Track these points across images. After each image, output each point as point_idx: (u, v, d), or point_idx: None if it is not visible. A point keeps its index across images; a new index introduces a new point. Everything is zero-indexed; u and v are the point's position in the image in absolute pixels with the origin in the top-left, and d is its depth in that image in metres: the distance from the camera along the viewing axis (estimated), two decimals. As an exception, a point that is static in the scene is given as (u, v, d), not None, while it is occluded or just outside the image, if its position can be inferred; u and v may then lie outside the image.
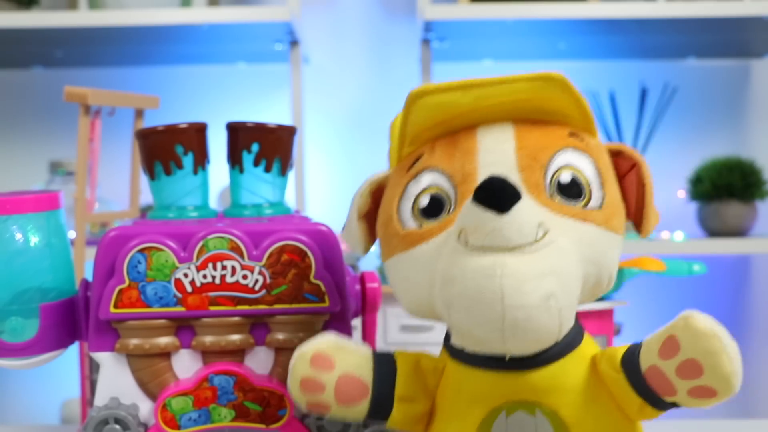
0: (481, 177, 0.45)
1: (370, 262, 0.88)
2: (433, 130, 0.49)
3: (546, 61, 1.70)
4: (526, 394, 0.46)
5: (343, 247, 0.59)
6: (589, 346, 0.48)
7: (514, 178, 0.45)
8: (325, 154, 1.70)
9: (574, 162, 0.46)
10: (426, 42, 1.48)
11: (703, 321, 0.43)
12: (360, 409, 0.50)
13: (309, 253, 0.57)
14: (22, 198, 0.58)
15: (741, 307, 1.70)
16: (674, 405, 0.45)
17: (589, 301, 0.48)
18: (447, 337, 0.50)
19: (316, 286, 0.57)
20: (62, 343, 0.59)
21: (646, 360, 0.45)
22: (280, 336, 0.57)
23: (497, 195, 0.41)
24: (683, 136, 1.72)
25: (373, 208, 0.52)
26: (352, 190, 0.53)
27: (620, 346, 0.47)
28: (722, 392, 0.43)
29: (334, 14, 1.71)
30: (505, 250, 0.42)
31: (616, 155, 0.49)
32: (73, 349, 0.65)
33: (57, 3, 1.62)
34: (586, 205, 0.46)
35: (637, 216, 0.49)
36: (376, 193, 0.52)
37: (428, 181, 0.48)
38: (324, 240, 0.58)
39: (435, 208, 0.47)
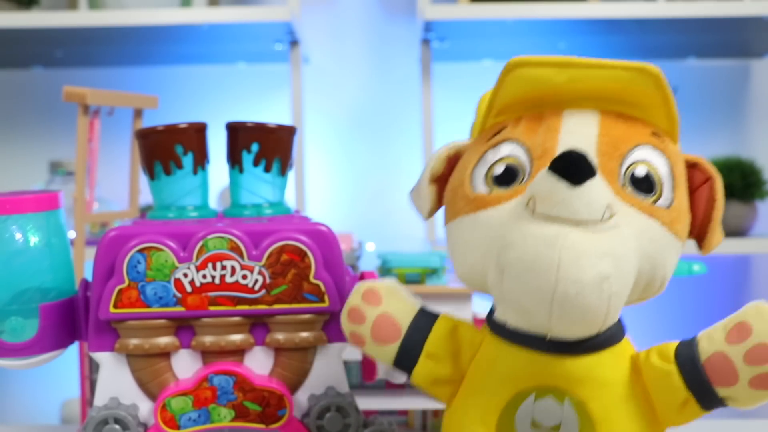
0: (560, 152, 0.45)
1: (370, 262, 0.88)
2: (521, 105, 0.49)
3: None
4: (558, 380, 0.46)
5: (343, 246, 0.59)
6: (628, 345, 0.48)
7: (592, 159, 0.45)
8: (325, 154, 1.70)
9: (651, 159, 0.47)
10: (426, 42, 1.48)
11: None
12: (389, 351, 0.51)
13: (309, 253, 0.57)
14: (22, 198, 0.58)
15: (741, 307, 1.70)
16: (721, 403, 0.45)
17: (637, 302, 0.48)
18: (491, 312, 0.50)
19: (315, 286, 0.57)
20: (62, 343, 0.59)
21: (710, 347, 0.45)
22: (280, 336, 0.57)
23: (574, 167, 0.41)
24: (683, 136, 1.71)
25: (446, 173, 0.53)
26: (352, 190, 0.53)
27: (670, 342, 0.47)
28: None
29: (334, 14, 1.71)
30: (571, 223, 0.42)
31: (692, 167, 0.49)
32: (73, 349, 0.65)
33: (57, 3, 1.62)
34: (655, 202, 0.46)
35: (701, 231, 0.49)
36: (453, 159, 0.53)
37: (507, 151, 0.48)
38: (324, 240, 0.58)
39: (508, 177, 0.47)
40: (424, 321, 0.51)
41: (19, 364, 0.58)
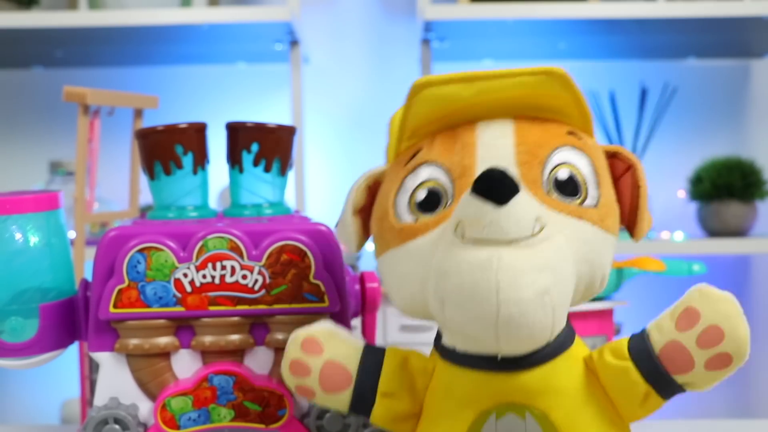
0: (479, 171, 0.45)
1: (370, 262, 0.88)
2: (433, 125, 0.49)
3: (546, 61, 1.70)
4: (516, 396, 0.46)
5: (343, 247, 0.59)
6: (579, 347, 0.48)
7: (513, 172, 0.45)
8: (325, 154, 1.70)
9: (571, 160, 0.46)
10: (426, 42, 1.48)
11: (716, 289, 0.44)
12: (343, 399, 0.50)
13: (308, 253, 0.57)
14: (22, 198, 0.58)
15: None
16: (681, 389, 0.45)
17: (580, 303, 0.48)
18: (438, 337, 0.49)
19: (315, 286, 0.57)
20: (62, 343, 0.59)
21: (661, 337, 0.45)
22: (280, 336, 0.57)
23: (496, 186, 0.41)
24: (683, 136, 1.72)
25: (368, 203, 0.52)
26: (351, 189, 0.53)
27: (620, 338, 0.47)
28: (737, 358, 0.43)
29: (334, 14, 1.71)
30: (502, 243, 0.41)
31: (612, 156, 0.49)
32: (73, 349, 0.65)
33: (57, 3, 1.62)
34: (582, 203, 0.46)
35: (630, 219, 0.49)
36: (373, 188, 0.52)
37: (426, 174, 0.47)
38: (324, 240, 0.58)
39: (432, 202, 0.47)
40: (372, 360, 0.50)
41: (19, 364, 0.58)
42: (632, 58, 1.70)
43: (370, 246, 0.53)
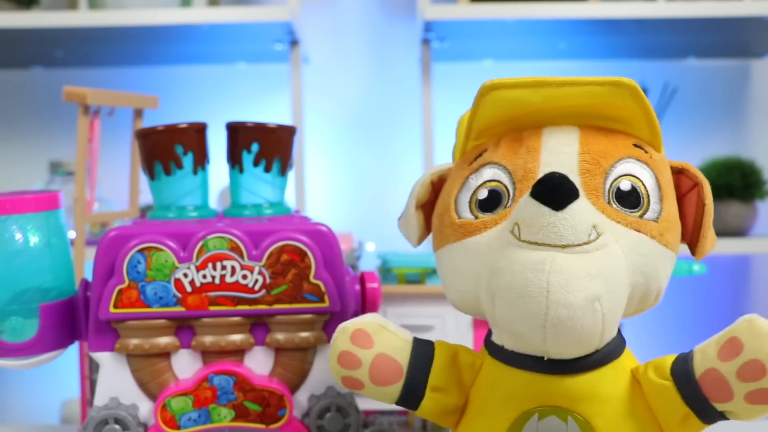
0: (541, 175, 0.45)
1: (370, 262, 0.88)
2: (500, 127, 0.49)
3: (546, 61, 1.70)
4: (560, 399, 0.46)
5: (343, 246, 0.59)
6: (629, 358, 0.48)
7: (575, 180, 0.45)
8: (325, 154, 1.70)
9: (635, 172, 0.46)
10: (426, 42, 1.48)
11: (766, 323, 0.43)
12: (392, 392, 0.50)
13: (309, 253, 0.57)
14: (22, 198, 0.58)
15: (741, 307, 1.70)
16: (722, 416, 0.45)
17: (633, 315, 0.48)
18: (488, 334, 0.50)
19: (315, 286, 0.57)
20: (62, 343, 0.59)
21: (703, 364, 0.44)
22: (280, 336, 0.57)
23: (555, 191, 0.41)
24: (683, 136, 1.72)
25: (432, 198, 0.53)
26: (352, 190, 0.53)
27: (667, 356, 0.47)
28: None
29: (334, 14, 1.71)
30: (557, 247, 0.42)
31: (679, 173, 0.49)
32: (73, 349, 0.65)
33: (57, 3, 1.61)
34: (642, 215, 0.46)
35: (693, 237, 0.49)
36: (437, 184, 0.53)
37: (489, 175, 0.48)
38: (324, 240, 0.58)
39: (493, 201, 0.47)
40: (423, 354, 0.50)
41: (19, 364, 0.58)
42: (632, 58, 1.70)
43: (370, 246, 0.52)
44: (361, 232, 1.21)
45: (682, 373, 0.45)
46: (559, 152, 0.47)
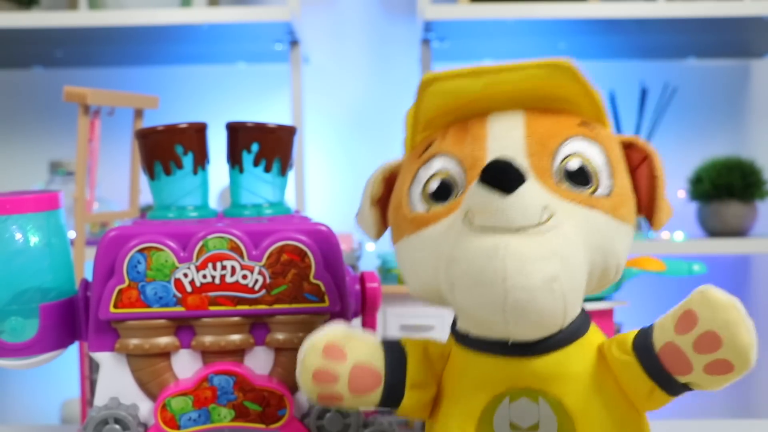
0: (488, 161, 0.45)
1: (370, 262, 0.88)
2: (445, 117, 0.49)
3: (546, 61, 1.70)
4: (529, 381, 0.46)
5: (343, 246, 0.59)
6: (595, 335, 0.48)
7: (522, 163, 0.45)
8: (325, 154, 1.70)
9: (582, 150, 0.47)
10: (426, 42, 1.48)
11: (720, 293, 0.43)
12: (372, 398, 0.50)
13: (309, 253, 0.57)
14: (22, 198, 0.58)
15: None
16: (687, 388, 0.45)
17: (597, 292, 0.48)
18: (454, 322, 0.50)
19: (315, 286, 0.57)
20: (62, 343, 0.59)
21: (661, 338, 0.45)
22: (280, 336, 0.57)
23: (502, 176, 0.41)
24: (683, 136, 1.72)
25: (385, 194, 0.53)
26: (352, 190, 0.53)
27: (629, 331, 0.47)
28: (739, 366, 0.42)
29: (334, 14, 1.71)
30: (509, 231, 0.42)
31: (628, 147, 0.49)
32: (73, 349, 0.65)
33: (57, 3, 1.62)
34: (593, 192, 0.46)
35: (648, 209, 0.49)
36: (389, 180, 0.53)
37: (438, 165, 0.48)
38: (324, 240, 0.58)
39: (444, 192, 0.48)
40: (396, 355, 0.50)
41: (19, 364, 0.58)
42: (632, 58, 1.70)
43: (370, 246, 0.53)
44: (361, 232, 1.21)
45: (643, 347, 0.45)
46: (505, 137, 0.47)
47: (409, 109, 0.55)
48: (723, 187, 1.47)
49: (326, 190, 1.69)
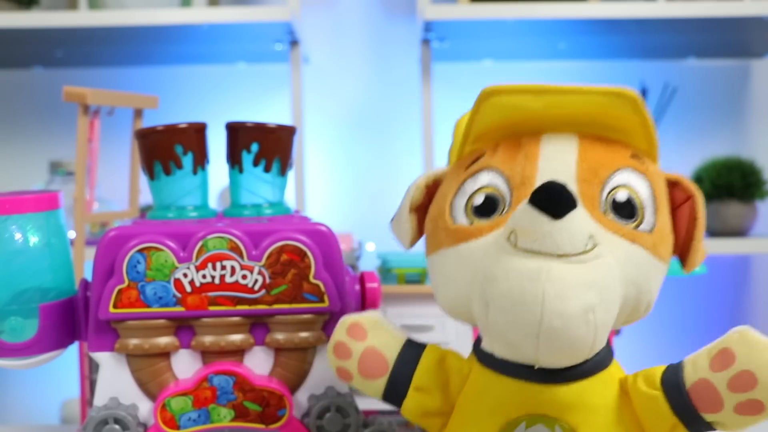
0: (539, 183, 0.45)
1: (370, 262, 0.88)
2: (498, 132, 0.49)
3: (546, 61, 1.70)
4: (548, 408, 0.46)
5: (343, 246, 0.59)
6: (616, 369, 0.48)
7: (572, 188, 0.45)
8: (325, 154, 1.70)
9: (632, 183, 0.46)
10: (426, 42, 1.48)
11: (758, 334, 0.43)
12: (377, 386, 0.51)
13: (308, 253, 0.57)
14: (22, 198, 0.58)
15: (741, 307, 1.70)
16: (709, 427, 0.45)
17: (622, 326, 0.48)
18: (477, 341, 0.50)
19: (315, 286, 0.57)
20: (62, 343, 0.59)
21: (694, 374, 0.45)
22: (280, 336, 0.57)
23: (554, 200, 0.41)
24: (683, 136, 1.72)
25: (426, 202, 0.52)
26: (352, 190, 0.53)
27: (656, 366, 0.47)
28: None
29: (334, 14, 1.71)
30: (553, 256, 0.42)
31: (673, 185, 0.49)
32: (73, 349, 0.65)
33: (57, 3, 1.62)
34: (637, 226, 0.46)
35: (683, 250, 0.49)
36: (431, 188, 0.52)
37: (486, 180, 0.48)
38: (324, 240, 0.58)
39: (488, 207, 0.47)
40: (411, 353, 0.51)
41: (19, 364, 0.58)
42: (632, 58, 1.70)
43: (370, 246, 0.53)
44: (361, 232, 1.21)
45: (673, 383, 0.45)
46: (558, 160, 0.46)
47: (459, 119, 0.55)
48: (723, 187, 1.47)
49: (326, 190, 1.69)
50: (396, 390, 0.51)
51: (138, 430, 0.56)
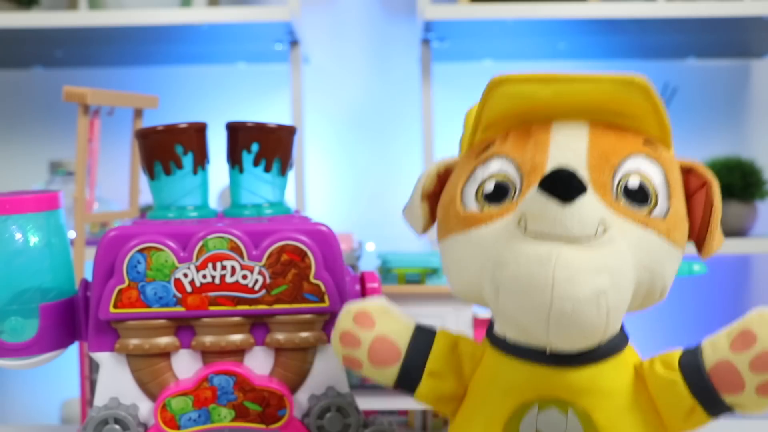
0: (549, 169, 0.45)
1: (370, 262, 0.88)
2: (508, 120, 0.49)
3: (546, 61, 1.70)
4: (561, 391, 0.46)
5: (343, 246, 0.59)
6: (631, 353, 0.48)
7: (583, 175, 0.45)
8: (325, 154, 1.70)
9: (644, 169, 0.46)
10: (426, 42, 1.48)
11: None
12: (390, 374, 0.51)
13: (309, 253, 0.57)
14: (22, 198, 0.58)
15: (741, 307, 1.70)
16: (728, 409, 0.45)
17: (638, 310, 0.48)
18: (490, 325, 0.50)
19: (315, 286, 0.57)
20: (62, 343, 0.59)
21: (714, 355, 0.45)
22: (280, 336, 0.57)
23: (564, 185, 0.41)
24: (683, 136, 1.72)
25: (437, 189, 0.53)
26: (352, 189, 0.53)
27: (673, 350, 0.47)
28: None
29: (334, 14, 1.71)
30: (563, 240, 0.42)
31: (688, 172, 0.49)
32: (73, 349, 0.65)
33: (57, 3, 1.62)
34: (650, 212, 0.46)
35: (699, 236, 0.49)
36: (443, 176, 0.53)
37: (496, 167, 0.48)
38: (324, 240, 0.58)
39: (499, 194, 0.47)
40: (423, 339, 0.51)
41: (19, 364, 0.58)
42: (632, 58, 1.70)
43: (370, 246, 0.53)
44: (361, 232, 1.21)
45: (692, 365, 0.45)
46: (568, 147, 0.46)
47: (469, 109, 0.55)
48: (723, 187, 1.47)
49: (326, 190, 1.69)
50: (409, 376, 0.51)
51: (138, 430, 0.56)
